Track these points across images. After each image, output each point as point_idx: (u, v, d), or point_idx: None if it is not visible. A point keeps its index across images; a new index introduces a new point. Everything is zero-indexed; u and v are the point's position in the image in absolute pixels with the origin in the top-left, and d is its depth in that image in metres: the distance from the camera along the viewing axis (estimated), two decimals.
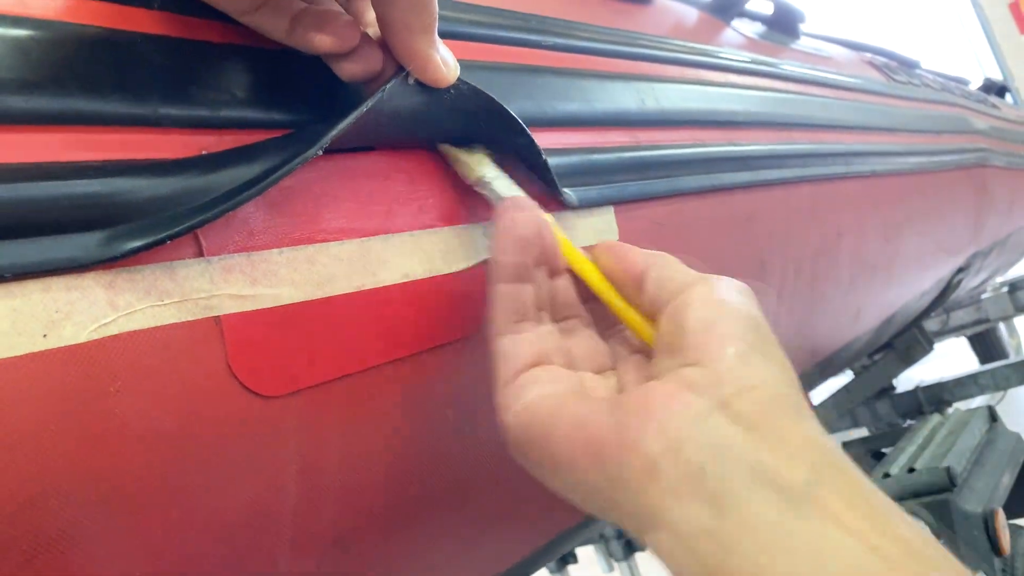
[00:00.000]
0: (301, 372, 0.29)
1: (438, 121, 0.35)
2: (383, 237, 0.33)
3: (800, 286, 0.69)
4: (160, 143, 0.27)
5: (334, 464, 0.31)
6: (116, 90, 0.26)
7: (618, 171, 0.48)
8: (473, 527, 0.42)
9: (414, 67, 0.32)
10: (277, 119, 0.31)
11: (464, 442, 0.38)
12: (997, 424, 1.12)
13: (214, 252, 0.27)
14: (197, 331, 0.27)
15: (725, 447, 0.26)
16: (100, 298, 0.24)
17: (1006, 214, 1.43)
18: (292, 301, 0.29)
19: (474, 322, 0.36)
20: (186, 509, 0.26)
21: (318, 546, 0.32)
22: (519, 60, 0.45)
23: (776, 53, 0.87)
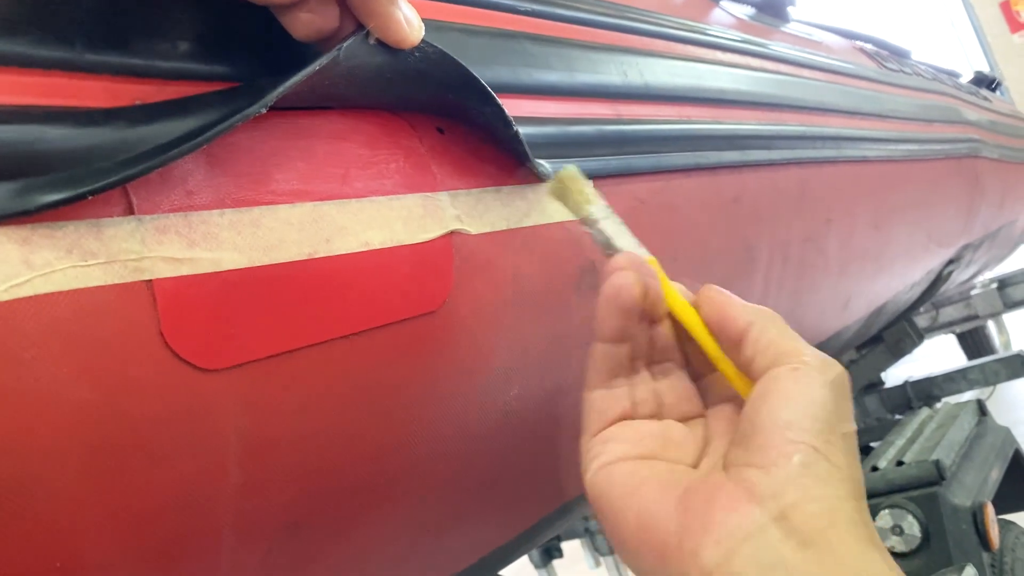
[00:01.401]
0: (244, 344, 0.27)
1: (401, 85, 0.33)
2: (339, 202, 0.31)
3: (787, 272, 0.68)
4: (87, 90, 0.25)
5: (282, 444, 0.29)
6: (36, 30, 0.24)
7: (598, 144, 0.46)
8: (441, 512, 0.40)
9: (374, 25, 0.29)
10: (223, 72, 0.29)
11: (429, 423, 0.36)
12: (986, 418, 1.11)
13: (147, 211, 0.25)
14: (126, 295, 0.24)
15: (777, 564, 0.26)
16: (12, 255, 0.22)
17: (997, 207, 1.42)
18: (234, 267, 0.27)
19: (438, 295, 0.34)
20: (109, 491, 0.24)
21: (266, 531, 0.30)
22: (494, 24, 0.43)
23: (765, 34, 0.85)
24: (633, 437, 0.32)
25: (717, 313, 0.33)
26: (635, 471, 0.31)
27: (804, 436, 0.28)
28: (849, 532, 0.27)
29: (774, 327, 0.32)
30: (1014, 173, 1.55)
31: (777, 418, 0.29)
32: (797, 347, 0.31)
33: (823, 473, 0.28)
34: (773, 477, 0.28)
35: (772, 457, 0.28)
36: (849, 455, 0.29)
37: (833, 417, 0.29)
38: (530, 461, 0.44)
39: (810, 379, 0.30)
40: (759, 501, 0.27)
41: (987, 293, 2.02)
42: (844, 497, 0.27)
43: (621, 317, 0.32)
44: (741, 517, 0.27)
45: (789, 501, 0.27)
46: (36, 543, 0.23)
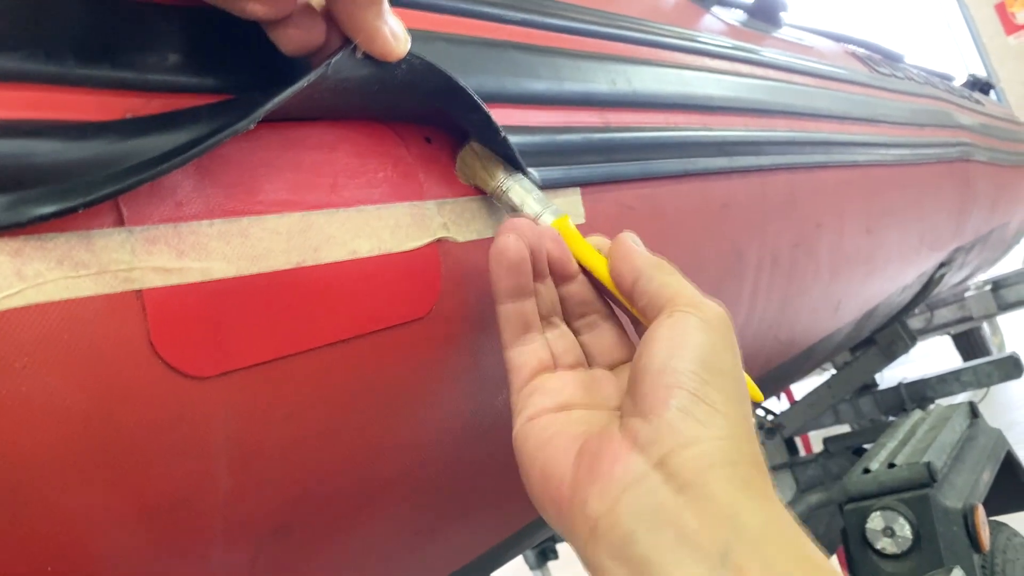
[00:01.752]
0: (233, 352, 0.28)
1: (389, 95, 0.34)
2: (327, 211, 0.31)
3: (777, 277, 0.68)
4: (78, 104, 0.25)
5: (271, 450, 0.30)
6: (27, 45, 0.24)
7: (586, 152, 0.46)
8: (431, 515, 0.41)
9: (361, 40, 0.30)
10: (212, 84, 0.29)
11: (419, 428, 0.37)
12: (978, 420, 1.11)
13: (136, 222, 0.26)
14: (116, 305, 0.25)
15: (655, 511, 0.27)
16: (5, 266, 0.23)
17: (989, 210, 1.43)
18: (223, 276, 0.27)
19: (426, 302, 0.35)
20: (101, 497, 0.25)
21: (255, 535, 0.30)
22: (481, 33, 0.43)
23: (756, 40, 0.86)
24: (554, 388, 0.34)
25: (615, 265, 0.35)
26: (549, 424, 0.33)
27: (680, 380, 0.29)
28: (724, 474, 0.27)
29: (660, 276, 0.33)
30: (1006, 176, 1.56)
31: (654, 365, 0.30)
32: (678, 293, 0.32)
33: (701, 415, 0.29)
34: (653, 424, 0.29)
35: (651, 404, 0.29)
36: (727, 393, 0.30)
37: (710, 358, 0.30)
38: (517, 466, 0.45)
39: (685, 323, 0.31)
40: (641, 449, 0.29)
41: (981, 295, 2.03)
42: (722, 436, 0.28)
43: (509, 276, 0.34)
44: (624, 466, 0.28)
45: (667, 447, 0.28)
46: (29, 549, 0.24)
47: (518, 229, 0.34)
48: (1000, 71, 4.92)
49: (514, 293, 0.34)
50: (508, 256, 0.33)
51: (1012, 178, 1.62)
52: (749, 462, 0.28)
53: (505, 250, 0.33)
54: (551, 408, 0.33)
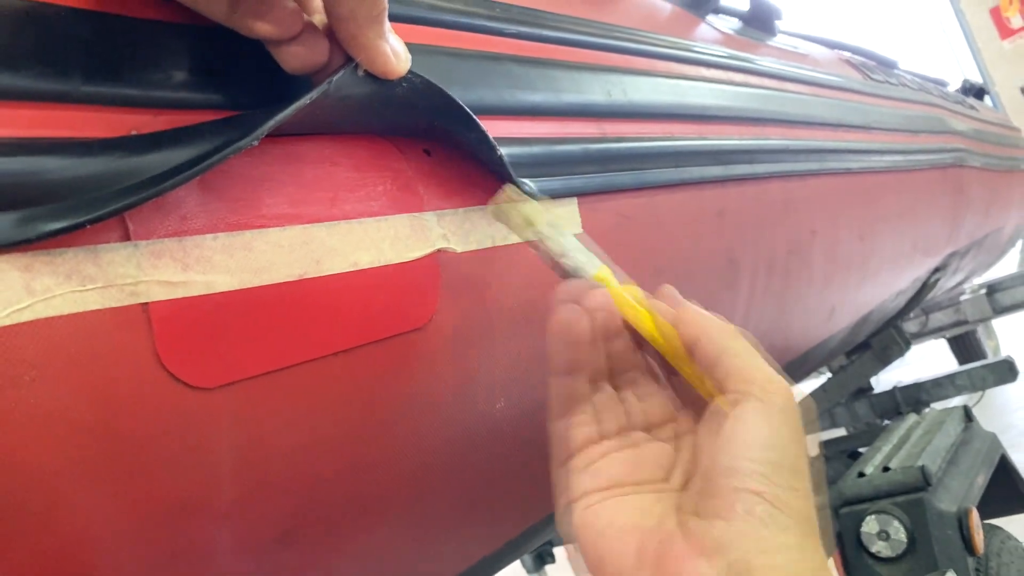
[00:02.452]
0: (237, 363, 0.28)
1: (389, 111, 0.34)
2: (328, 224, 0.32)
3: (772, 283, 0.69)
4: (85, 121, 0.26)
5: (275, 459, 0.30)
6: (35, 65, 0.25)
7: (583, 163, 0.47)
8: (430, 522, 0.41)
9: (363, 58, 0.30)
10: (216, 101, 0.30)
11: (418, 436, 0.37)
12: (973, 424, 1.12)
13: (142, 236, 0.26)
14: (122, 318, 0.25)
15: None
16: (15, 282, 0.23)
17: (983, 215, 1.44)
18: (227, 289, 0.28)
19: (425, 312, 0.35)
20: (108, 506, 0.25)
21: (260, 542, 0.31)
22: (480, 47, 0.44)
23: (751, 49, 0.87)
24: (602, 463, 0.33)
25: (687, 332, 0.33)
26: (600, 513, 0.32)
27: (747, 482, 0.28)
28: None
29: (721, 340, 0.32)
30: (1000, 181, 1.57)
31: (720, 464, 0.29)
32: (748, 373, 0.31)
33: (767, 518, 0.28)
34: (719, 529, 0.28)
35: (717, 507, 0.28)
36: (795, 491, 0.29)
37: (778, 455, 0.29)
38: (517, 471, 0.45)
39: (755, 416, 0.30)
40: (707, 556, 0.28)
41: (976, 299, 2.03)
42: (792, 545, 0.27)
43: (572, 350, 0.33)
44: (691, 570, 0.28)
45: (735, 556, 0.27)
46: (37, 559, 0.24)
47: (578, 298, 0.33)
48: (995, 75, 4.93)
49: (570, 368, 0.33)
50: (574, 332, 0.32)
51: (1006, 183, 1.63)
52: (814, 566, 0.28)
53: (570, 327, 0.32)
54: (599, 488, 0.32)
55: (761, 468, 0.28)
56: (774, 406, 0.30)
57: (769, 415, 0.30)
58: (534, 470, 0.47)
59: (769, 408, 0.30)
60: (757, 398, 0.30)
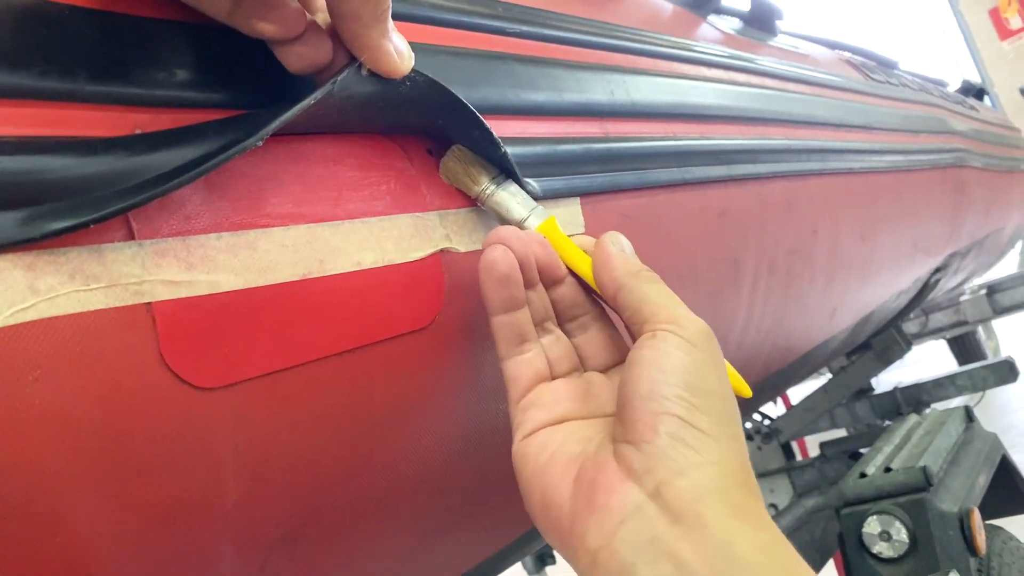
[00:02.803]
0: (240, 363, 0.28)
1: (393, 110, 0.34)
2: (332, 224, 0.32)
3: (774, 284, 0.69)
4: (89, 120, 0.26)
5: (278, 459, 0.30)
6: (38, 63, 0.25)
7: (585, 162, 0.47)
8: (433, 524, 0.41)
9: (366, 58, 0.30)
10: (220, 100, 0.30)
11: (421, 437, 0.37)
12: (974, 424, 1.12)
13: (146, 235, 0.26)
14: (126, 318, 0.25)
15: (652, 542, 0.28)
16: (18, 281, 0.23)
17: (984, 215, 1.44)
18: (231, 288, 0.28)
19: (429, 312, 0.35)
20: (111, 507, 0.25)
21: (262, 545, 0.31)
22: (483, 46, 0.44)
23: (752, 49, 0.87)
24: (550, 400, 0.34)
25: (597, 274, 0.35)
26: (546, 443, 0.33)
27: (667, 405, 0.29)
28: (717, 502, 0.28)
29: (640, 288, 0.33)
30: (1000, 181, 1.57)
31: (640, 390, 0.30)
32: (659, 308, 0.32)
33: (691, 441, 0.29)
34: (645, 453, 0.29)
35: (641, 431, 0.29)
36: (717, 415, 0.30)
37: (696, 379, 0.30)
38: None
39: (667, 344, 0.31)
40: (635, 479, 0.29)
41: (976, 299, 2.04)
42: (713, 462, 0.28)
43: (500, 288, 0.34)
44: (620, 497, 0.29)
45: (661, 477, 0.28)
46: (39, 559, 0.24)
47: (505, 240, 0.34)
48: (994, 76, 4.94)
49: (506, 305, 0.34)
50: (498, 269, 0.34)
51: (1006, 183, 1.63)
52: (741, 485, 0.29)
53: (494, 263, 0.34)
54: (547, 422, 0.34)
55: (679, 392, 0.29)
56: (691, 337, 0.31)
57: (686, 345, 0.31)
58: None
59: (686, 339, 0.31)
60: (673, 332, 0.31)
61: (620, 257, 0.35)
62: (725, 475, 0.28)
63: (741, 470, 0.29)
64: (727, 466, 0.29)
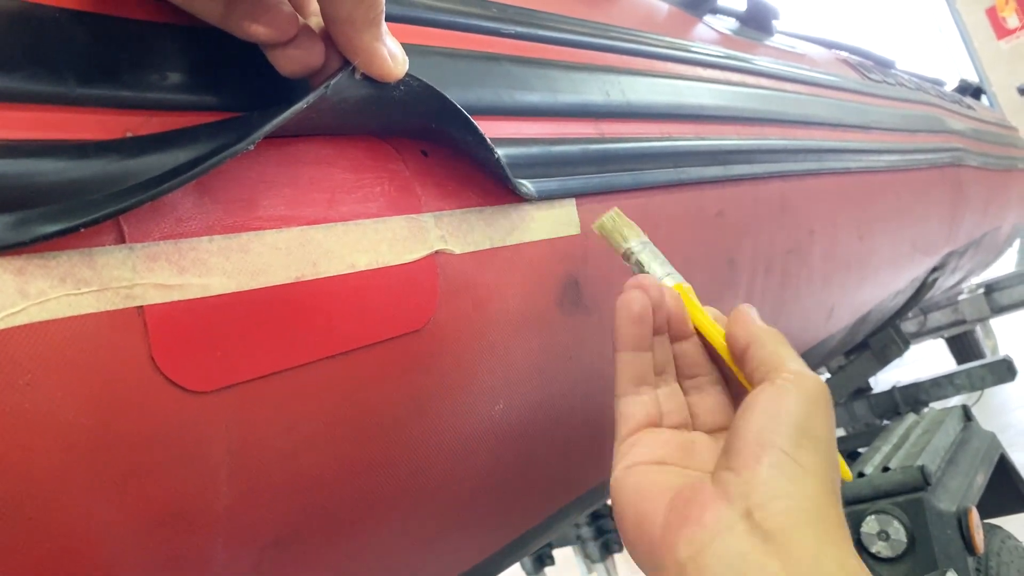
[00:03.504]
0: (233, 366, 0.28)
1: (386, 113, 0.34)
2: (325, 226, 0.32)
3: (770, 283, 0.69)
4: (80, 123, 0.26)
5: (271, 461, 0.30)
6: (29, 66, 0.25)
7: (581, 163, 0.47)
8: (428, 525, 0.41)
9: (359, 62, 0.30)
10: (211, 102, 0.30)
11: (416, 438, 0.37)
12: (972, 423, 1.12)
13: (137, 239, 0.26)
14: (118, 321, 0.25)
15: (741, 558, 0.29)
16: (8, 285, 0.23)
17: (981, 214, 1.44)
18: (224, 292, 0.28)
19: (423, 314, 0.35)
20: (104, 509, 0.25)
21: (256, 545, 0.31)
22: (477, 47, 0.44)
23: (748, 49, 0.87)
24: (656, 443, 0.35)
25: (732, 329, 0.36)
26: (647, 474, 0.34)
27: (774, 441, 0.31)
28: (810, 528, 0.29)
29: (772, 344, 0.35)
30: (997, 180, 1.57)
31: (751, 426, 0.31)
32: (784, 363, 0.34)
33: (790, 474, 0.30)
34: (744, 479, 0.30)
35: (744, 461, 0.31)
36: (818, 456, 0.31)
37: (804, 423, 0.31)
38: (516, 474, 0.45)
39: (785, 392, 0.32)
40: (730, 500, 0.30)
41: (974, 298, 2.04)
42: (810, 496, 0.30)
43: (632, 326, 0.36)
44: (713, 514, 0.30)
45: (756, 500, 0.29)
46: (33, 562, 0.24)
47: (643, 286, 0.36)
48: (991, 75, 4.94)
49: (634, 344, 0.36)
50: (633, 309, 0.36)
51: (1003, 182, 1.63)
52: (835, 522, 0.30)
53: (631, 303, 0.36)
54: (649, 461, 0.35)
55: (788, 431, 0.31)
56: (807, 391, 0.32)
57: (803, 396, 0.32)
58: (533, 472, 0.47)
59: (802, 391, 0.32)
60: (794, 384, 0.33)
61: (757, 318, 0.37)
62: (821, 508, 0.29)
63: (834, 507, 0.30)
64: (823, 503, 0.30)
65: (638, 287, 0.36)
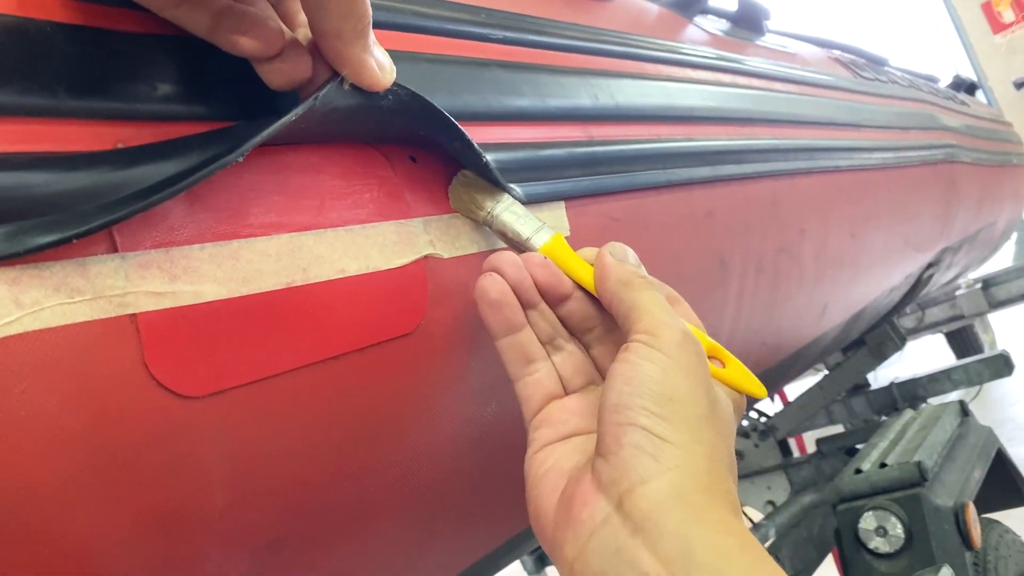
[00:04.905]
0: (225, 372, 0.28)
1: (375, 121, 0.35)
2: (315, 232, 0.32)
3: (762, 283, 0.69)
4: (71, 135, 0.26)
5: (264, 465, 0.30)
6: (19, 79, 0.25)
7: (569, 166, 0.47)
8: (422, 527, 0.41)
9: (348, 72, 0.31)
10: (201, 113, 0.30)
11: (408, 441, 0.37)
12: (969, 418, 1.12)
13: (129, 248, 0.27)
14: (111, 329, 0.26)
15: (618, 553, 0.28)
16: (3, 295, 0.23)
17: (975, 210, 1.44)
18: (215, 298, 0.28)
19: (413, 318, 0.36)
20: (99, 515, 0.26)
21: (249, 549, 0.31)
22: (465, 53, 0.44)
23: (739, 49, 0.87)
24: (559, 418, 0.35)
25: (596, 285, 0.35)
26: (546, 458, 0.33)
27: (630, 416, 0.29)
28: (676, 508, 0.28)
29: (628, 296, 0.33)
30: (991, 176, 1.57)
31: (608, 402, 0.30)
32: (638, 318, 0.32)
33: (652, 449, 0.29)
34: (611, 464, 0.29)
35: (608, 443, 0.30)
36: (682, 421, 0.29)
37: (663, 388, 0.30)
38: (509, 475, 0.46)
39: (637, 355, 0.31)
40: (604, 491, 0.29)
41: (972, 293, 2.04)
42: (672, 468, 0.28)
43: (494, 312, 0.35)
44: (590, 510, 0.29)
45: (624, 487, 0.29)
46: (29, 565, 0.25)
47: (496, 267, 0.35)
48: (988, 70, 4.94)
49: (505, 328, 0.35)
50: (489, 295, 0.35)
51: (998, 178, 1.64)
52: (704, 490, 0.28)
53: (486, 291, 0.35)
54: (554, 439, 0.34)
55: (644, 402, 0.30)
56: (662, 346, 0.31)
57: (656, 355, 0.31)
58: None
59: (656, 348, 0.31)
60: (645, 343, 0.31)
61: (614, 267, 0.35)
62: (685, 480, 0.28)
63: (707, 474, 0.29)
64: (688, 471, 0.29)
65: (491, 269, 0.35)
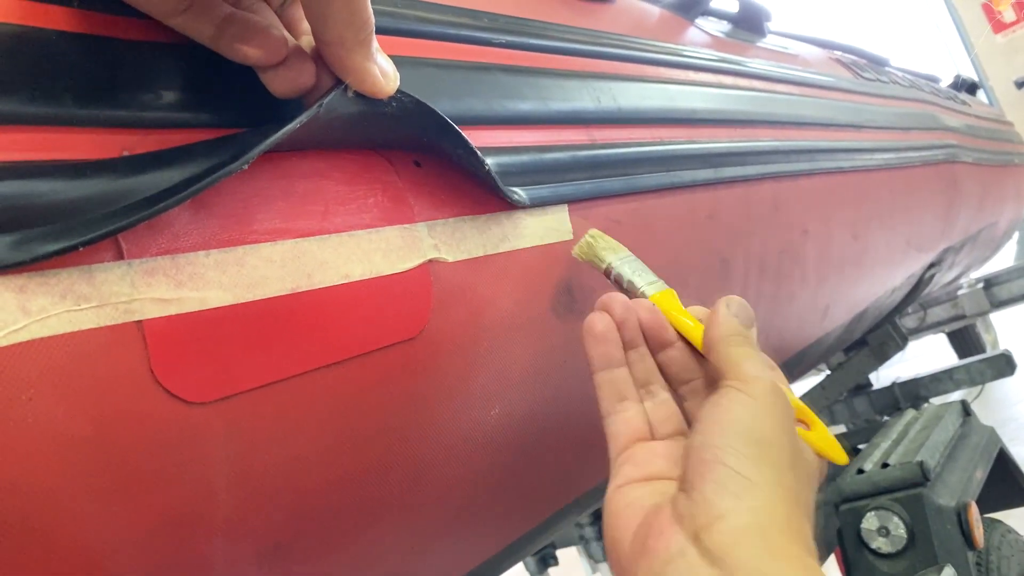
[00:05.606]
0: (231, 377, 0.29)
1: (378, 127, 0.35)
2: (320, 238, 0.32)
3: (764, 284, 0.69)
4: (77, 143, 0.27)
5: (269, 470, 0.31)
6: (26, 88, 0.25)
7: (572, 169, 0.47)
8: (426, 530, 0.42)
9: (351, 80, 0.31)
10: (206, 120, 0.30)
11: (412, 445, 0.37)
12: (971, 418, 1.12)
13: (135, 255, 0.27)
14: (117, 336, 0.26)
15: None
16: (10, 303, 0.24)
17: (977, 209, 1.44)
18: (220, 304, 0.28)
19: (418, 323, 0.36)
20: (106, 520, 0.26)
21: (255, 552, 0.31)
22: (468, 58, 0.44)
23: (741, 51, 0.87)
24: (647, 458, 0.35)
25: (704, 334, 0.36)
26: (627, 494, 0.34)
27: (717, 455, 0.30)
28: (754, 545, 0.28)
29: (725, 349, 0.34)
30: (993, 176, 1.57)
31: (696, 441, 0.31)
32: (734, 368, 0.33)
33: (735, 488, 0.29)
34: (693, 500, 0.30)
35: (692, 480, 0.30)
36: (768, 465, 0.30)
37: (751, 432, 0.31)
38: (513, 477, 0.46)
39: (731, 400, 0.32)
40: (681, 523, 0.30)
41: (974, 293, 2.04)
42: (755, 509, 0.29)
43: (596, 345, 0.36)
44: (666, 541, 0.29)
45: (702, 522, 0.29)
46: (38, 571, 0.25)
47: (607, 305, 0.37)
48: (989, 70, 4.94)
49: (604, 362, 0.36)
50: (595, 329, 0.36)
51: (999, 177, 1.64)
52: (781, 528, 0.29)
53: (592, 324, 0.36)
54: (637, 479, 0.34)
55: (731, 442, 0.30)
56: (755, 395, 0.32)
57: (746, 400, 0.32)
58: (530, 475, 0.48)
59: (747, 394, 0.32)
60: (736, 388, 0.32)
61: (727, 321, 0.36)
62: (764, 519, 0.29)
63: (786, 516, 0.29)
64: (769, 511, 0.29)
65: (602, 308, 0.37)
